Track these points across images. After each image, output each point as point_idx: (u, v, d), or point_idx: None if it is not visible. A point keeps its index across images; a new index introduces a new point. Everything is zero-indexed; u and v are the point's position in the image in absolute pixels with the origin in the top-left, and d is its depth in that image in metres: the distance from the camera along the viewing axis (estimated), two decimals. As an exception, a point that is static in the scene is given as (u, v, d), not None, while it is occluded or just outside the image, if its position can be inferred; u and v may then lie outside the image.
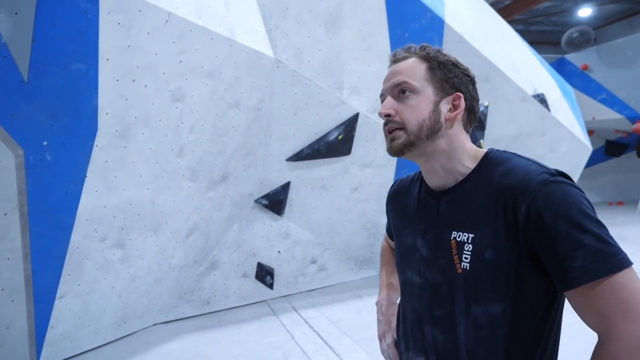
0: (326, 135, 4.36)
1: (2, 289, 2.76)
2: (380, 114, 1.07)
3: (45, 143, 2.62)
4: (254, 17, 3.76)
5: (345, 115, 4.32)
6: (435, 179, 1.09)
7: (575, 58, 10.91)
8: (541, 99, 5.46)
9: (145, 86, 2.99)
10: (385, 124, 1.07)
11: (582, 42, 10.35)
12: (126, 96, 2.91)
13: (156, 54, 2.96)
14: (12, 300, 2.84)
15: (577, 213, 0.88)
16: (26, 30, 2.31)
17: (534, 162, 1.00)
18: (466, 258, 0.99)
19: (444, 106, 1.05)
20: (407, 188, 1.22)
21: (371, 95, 4.41)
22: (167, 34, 2.97)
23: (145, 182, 3.30)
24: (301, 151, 4.35)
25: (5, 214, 2.60)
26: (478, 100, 1.11)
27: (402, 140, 1.04)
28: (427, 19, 4.52)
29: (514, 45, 5.75)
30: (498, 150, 1.08)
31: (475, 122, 1.12)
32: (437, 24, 4.58)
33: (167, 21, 2.92)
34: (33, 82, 2.42)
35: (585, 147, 6.20)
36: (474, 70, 1.15)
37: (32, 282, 2.89)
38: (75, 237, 3.03)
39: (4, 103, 2.36)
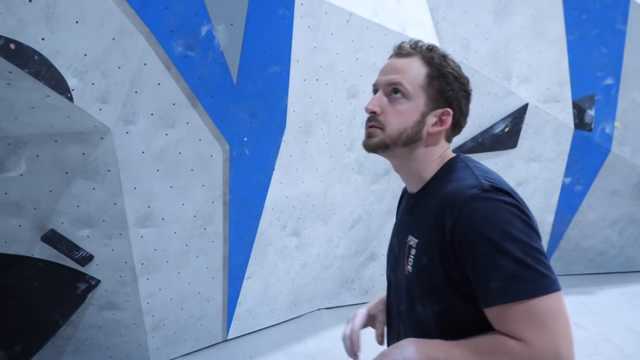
0: (491, 127, 4.18)
1: (207, 267, 3.15)
2: (366, 109, 1.07)
3: (245, 139, 2.92)
4: (421, 10, 3.75)
5: (513, 106, 4.10)
6: (407, 182, 1.15)
7: None
8: None
9: (326, 84, 3.16)
10: (368, 120, 1.08)
11: None
12: (310, 94, 3.11)
13: (337, 54, 3.11)
14: (213, 278, 3.23)
15: (499, 234, 0.89)
16: (237, 39, 2.59)
17: (475, 174, 1.00)
18: (410, 262, 1.05)
19: (431, 119, 1.05)
20: (405, 191, 1.27)
21: (542, 85, 4.13)
22: (347, 34, 3.10)
23: (320, 175, 3.50)
24: (464, 144, 4.24)
25: (212, 202, 2.96)
26: (467, 116, 1.12)
27: (377, 140, 1.05)
28: (610, -3, 4.08)
29: None
30: (461, 157, 1.09)
31: (459, 133, 1.14)
32: (621, 2, 4.11)
33: (348, 21, 3.05)
34: (240, 85, 2.71)
35: None
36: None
37: (228, 262, 3.26)
38: (262, 224, 3.34)
39: (218, 105, 2.67)
